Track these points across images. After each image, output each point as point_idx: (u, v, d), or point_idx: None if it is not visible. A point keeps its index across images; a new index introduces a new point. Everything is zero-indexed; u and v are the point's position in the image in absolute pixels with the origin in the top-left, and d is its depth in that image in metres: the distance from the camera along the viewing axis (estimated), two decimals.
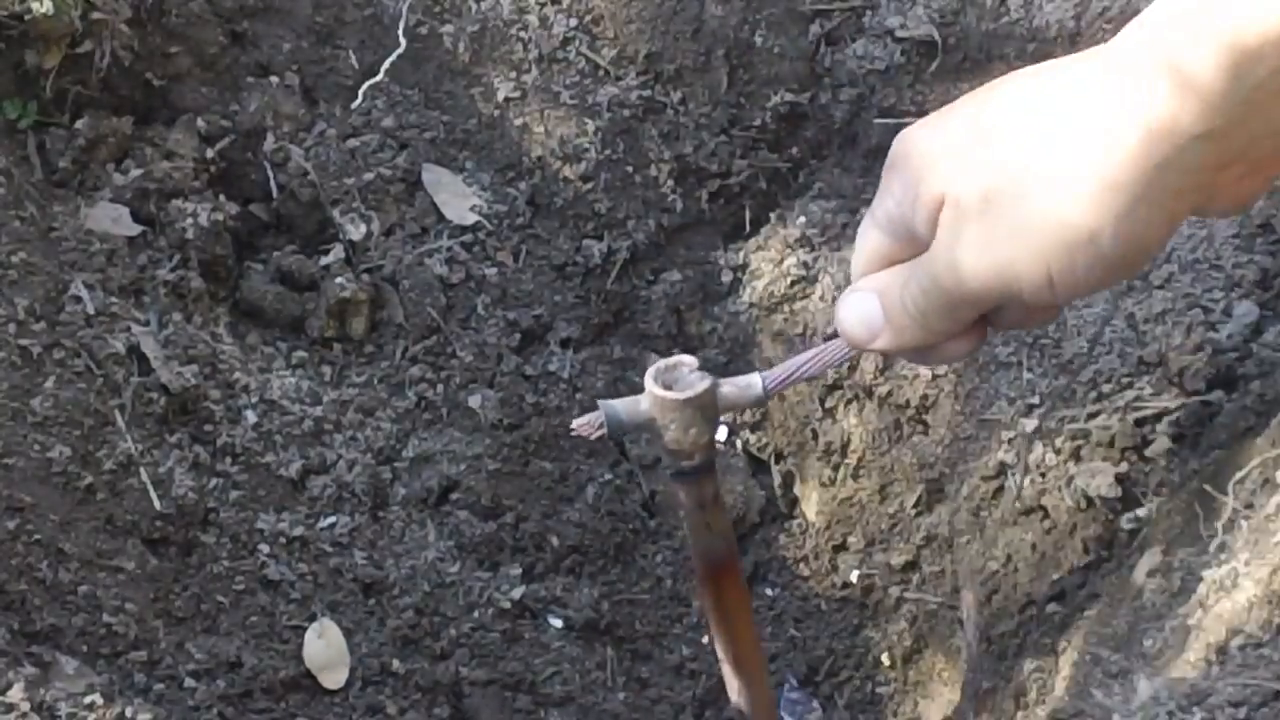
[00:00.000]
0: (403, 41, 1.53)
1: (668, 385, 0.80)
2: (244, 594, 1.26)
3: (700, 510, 0.86)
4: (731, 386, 0.82)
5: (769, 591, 1.48)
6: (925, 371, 1.35)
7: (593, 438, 0.81)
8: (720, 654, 0.95)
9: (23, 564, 1.11)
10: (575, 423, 0.82)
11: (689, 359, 0.81)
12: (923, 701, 1.39)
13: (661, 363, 0.81)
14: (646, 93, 1.54)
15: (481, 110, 1.54)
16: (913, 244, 0.73)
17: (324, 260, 1.45)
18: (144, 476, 1.23)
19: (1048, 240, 0.65)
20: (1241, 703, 0.77)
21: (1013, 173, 0.66)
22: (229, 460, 1.32)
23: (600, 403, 0.81)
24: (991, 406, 1.29)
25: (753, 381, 0.82)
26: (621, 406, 0.81)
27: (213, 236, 1.39)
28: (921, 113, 1.34)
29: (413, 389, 1.43)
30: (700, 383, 0.79)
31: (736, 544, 1.00)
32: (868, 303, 0.76)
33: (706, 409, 0.80)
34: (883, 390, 1.39)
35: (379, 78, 1.52)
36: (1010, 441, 1.25)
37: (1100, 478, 1.13)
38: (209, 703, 1.18)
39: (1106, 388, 1.19)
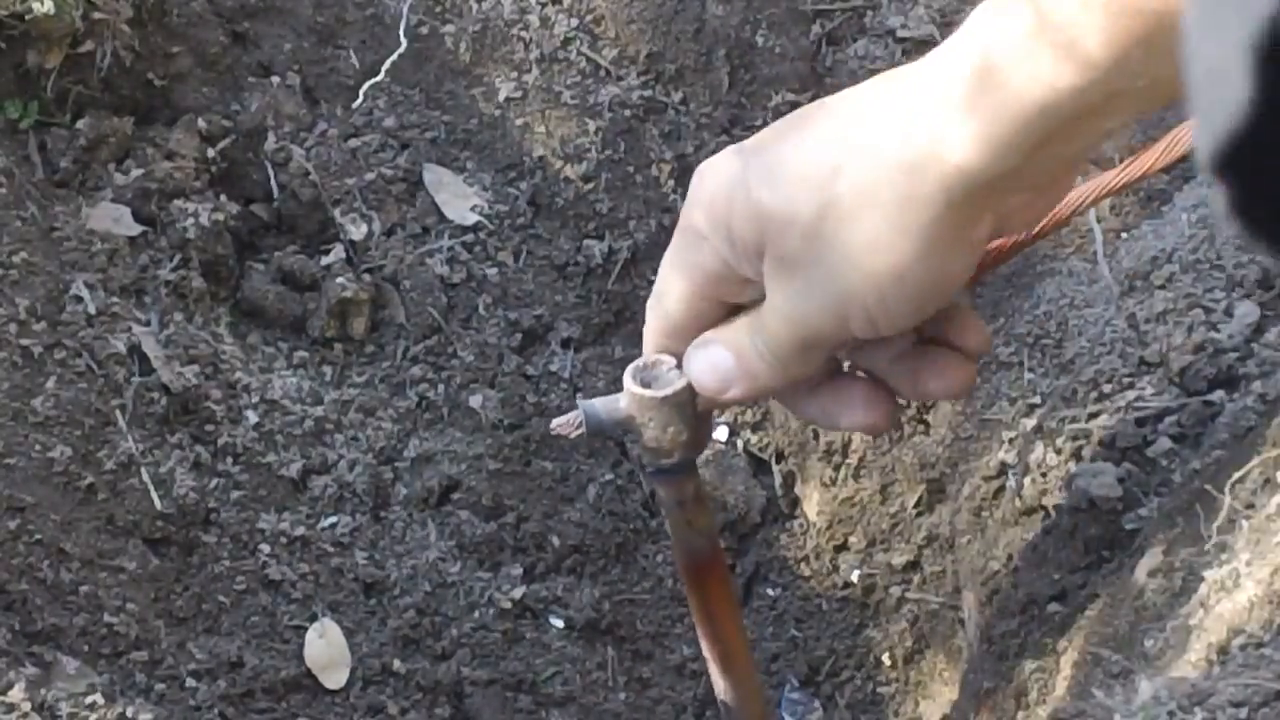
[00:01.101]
0: (404, 41, 1.53)
1: (646, 383, 0.80)
2: (245, 594, 1.26)
3: (681, 508, 0.86)
4: None
5: (770, 592, 1.48)
6: None
7: (572, 437, 0.81)
8: (706, 653, 0.94)
9: (24, 564, 1.11)
10: (555, 422, 0.82)
11: (668, 357, 0.80)
12: (924, 701, 1.39)
13: (640, 360, 0.81)
14: (648, 93, 1.54)
15: (483, 110, 1.54)
16: (740, 285, 0.76)
17: (325, 260, 1.45)
18: (145, 476, 1.23)
19: (859, 284, 0.69)
20: (1243, 703, 0.76)
21: (825, 217, 0.68)
22: (230, 460, 1.31)
23: (579, 402, 0.81)
24: (992, 406, 1.29)
25: None
26: (600, 405, 0.81)
27: (214, 236, 1.39)
28: None
29: (414, 389, 1.43)
30: (679, 380, 0.79)
31: (719, 541, 1.00)
32: (718, 352, 0.77)
33: (685, 407, 0.79)
34: None
35: (380, 78, 1.52)
36: (1011, 441, 1.24)
37: (1101, 478, 1.13)
38: (210, 703, 1.18)
39: (1107, 387, 1.19)
